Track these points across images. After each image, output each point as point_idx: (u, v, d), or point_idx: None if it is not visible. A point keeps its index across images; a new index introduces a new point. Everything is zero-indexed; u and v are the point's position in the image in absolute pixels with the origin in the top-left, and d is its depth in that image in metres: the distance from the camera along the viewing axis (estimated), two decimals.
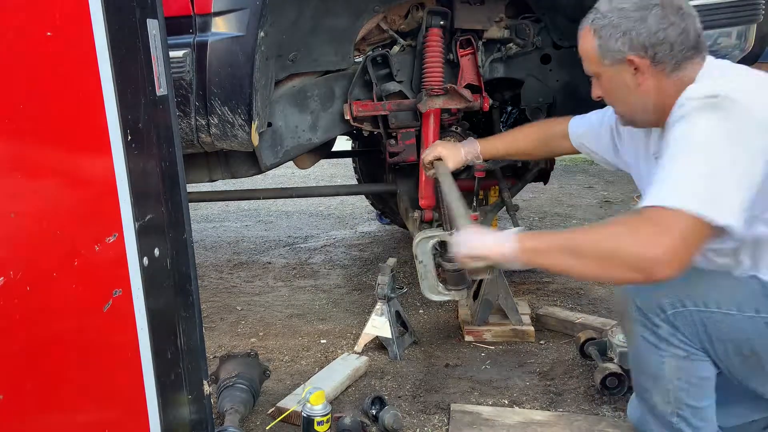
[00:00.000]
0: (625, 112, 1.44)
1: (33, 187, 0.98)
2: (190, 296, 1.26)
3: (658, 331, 1.33)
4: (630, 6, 1.32)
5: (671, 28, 1.29)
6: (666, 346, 1.33)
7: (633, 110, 1.41)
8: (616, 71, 1.36)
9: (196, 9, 1.89)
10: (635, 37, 1.31)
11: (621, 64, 1.34)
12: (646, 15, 1.30)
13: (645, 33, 1.30)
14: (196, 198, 2.72)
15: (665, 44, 1.30)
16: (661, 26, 1.29)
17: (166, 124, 1.17)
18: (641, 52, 1.31)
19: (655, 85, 1.34)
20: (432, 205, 2.50)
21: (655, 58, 1.31)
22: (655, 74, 1.33)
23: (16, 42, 0.93)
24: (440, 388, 2.06)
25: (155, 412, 1.15)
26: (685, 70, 1.32)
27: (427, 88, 2.37)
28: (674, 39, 1.30)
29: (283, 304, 2.89)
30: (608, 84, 1.40)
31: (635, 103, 1.39)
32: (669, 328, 1.32)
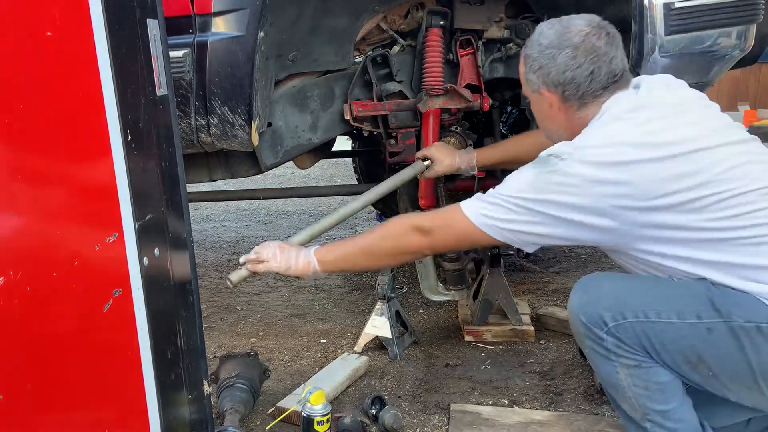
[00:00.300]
0: (547, 134, 1.57)
1: (33, 187, 0.98)
2: (190, 296, 1.26)
3: (604, 343, 1.37)
4: (547, 43, 1.42)
5: (578, 69, 1.38)
6: (615, 357, 1.37)
7: (550, 134, 1.54)
8: (536, 98, 1.49)
9: (196, 9, 1.89)
10: (546, 74, 1.42)
11: (538, 94, 1.47)
12: (557, 54, 1.39)
13: (554, 71, 1.40)
14: (196, 198, 2.72)
15: (573, 84, 1.40)
16: (569, 67, 1.39)
17: (166, 124, 1.17)
18: (552, 88, 1.43)
19: (564, 118, 1.46)
20: (432, 205, 2.49)
21: (563, 95, 1.42)
22: (564, 109, 1.44)
23: (16, 42, 0.93)
24: (440, 388, 2.06)
25: (155, 412, 1.15)
26: (590, 108, 1.42)
27: (427, 88, 2.37)
28: (581, 80, 1.39)
29: (283, 304, 2.89)
30: (533, 107, 1.54)
31: (551, 129, 1.53)
32: (613, 340, 1.35)
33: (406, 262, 1.58)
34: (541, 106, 1.49)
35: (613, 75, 1.40)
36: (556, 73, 1.40)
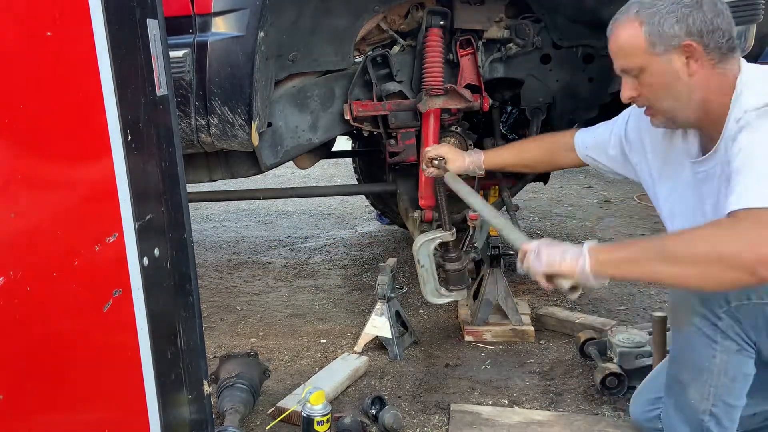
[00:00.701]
0: (669, 107, 1.38)
1: (33, 187, 0.98)
2: (190, 296, 1.25)
3: (719, 323, 1.32)
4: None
5: (722, 17, 1.30)
6: (721, 339, 1.33)
7: (677, 104, 1.36)
8: (666, 60, 1.32)
9: (196, 9, 1.89)
10: (692, 23, 1.29)
11: (674, 52, 1.31)
12: (701, 2, 1.29)
13: (701, 19, 1.28)
14: (196, 198, 2.72)
15: (719, 31, 1.29)
16: (715, 14, 1.29)
17: (166, 124, 1.17)
18: (697, 38, 1.29)
19: (704, 75, 1.32)
20: (432, 205, 2.50)
21: (708, 45, 1.30)
22: (705, 64, 1.31)
23: (16, 42, 0.93)
24: (440, 388, 2.06)
25: (155, 412, 1.15)
26: (728, 63, 1.32)
27: (427, 88, 2.37)
28: (725, 27, 1.30)
29: (283, 304, 2.89)
30: (655, 76, 1.35)
31: (682, 96, 1.35)
32: (729, 320, 1.31)
33: None
34: (673, 68, 1.32)
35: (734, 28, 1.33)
36: (703, 21, 1.28)
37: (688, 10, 1.29)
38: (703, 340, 1.35)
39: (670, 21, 1.29)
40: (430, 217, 2.49)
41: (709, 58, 1.31)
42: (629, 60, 1.37)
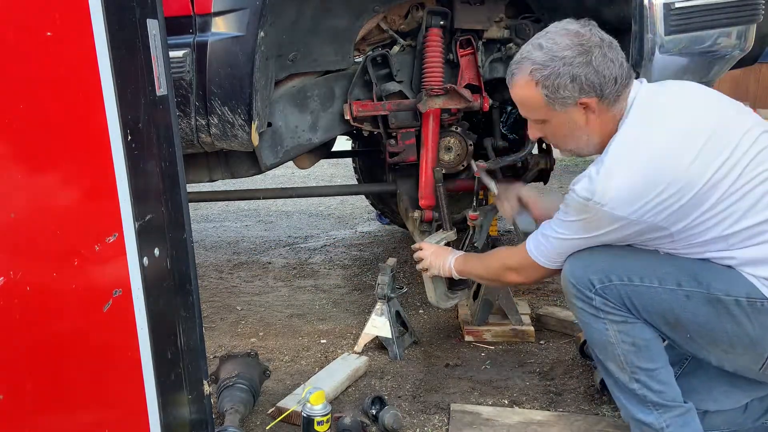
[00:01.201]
0: (572, 148, 1.55)
1: (33, 187, 0.98)
2: (190, 296, 1.26)
3: (593, 302, 1.47)
4: (570, 53, 1.39)
5: (612, 63, 1.39)
6: (604, 315, 1.46)
7: (580, 145, 1.52)
8: (566, 114, 1.45)
9: (196, 9, 1.89)
10: (585, 81, 1.39)
11: (571, 107, 1.43)
12: (590, 59, 1.38)
13: (593, 74, 1.38)
14: (196, 198, 2.72)
15: (610, 80, 1.39)
16: (605, 64, 1.39)
17: (166, 124, 1.17)
18: (591, 93, 1.40)
19: (601, 119, 1.45)
20: (432, 204, 2.50)
21: (602, 95, 1.41)
22: (601, 110, 1.43)
23: (16, 42, 0.93)
24: (440, 388, 2.06)
25: (155, 412, 1.15)
26: (619, 101, 1.43)
27: (427, 88, 2.37)
28: (616, 72, 1.40)
29: (283, 304, 2.89)
30: (556, 127, 1.49)
31: (582, 140, 1.50)
32: (600, 299, 1.46)
33: None
34: (572, 119, 1.45)
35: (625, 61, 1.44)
36: (595, 75, 1.38)
37: (579, 69, 1.38)
38: (592, 318, 1.49)
39: (564, 82, 1.39)
40: (430, 217, 2.49)
41: (605, 105, 1.42)
42: (531, 113, 1.51)
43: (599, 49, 1.39)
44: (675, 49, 2.01)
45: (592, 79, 1.38)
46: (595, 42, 1.39)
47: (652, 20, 1.97)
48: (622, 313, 1.45)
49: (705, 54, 2.04)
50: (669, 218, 1.35)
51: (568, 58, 1.38)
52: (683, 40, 2.00)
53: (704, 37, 2.01)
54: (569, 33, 1.41)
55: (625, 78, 1.41)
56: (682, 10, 1.97)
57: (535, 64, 1.41)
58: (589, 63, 1.38)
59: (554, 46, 1.40)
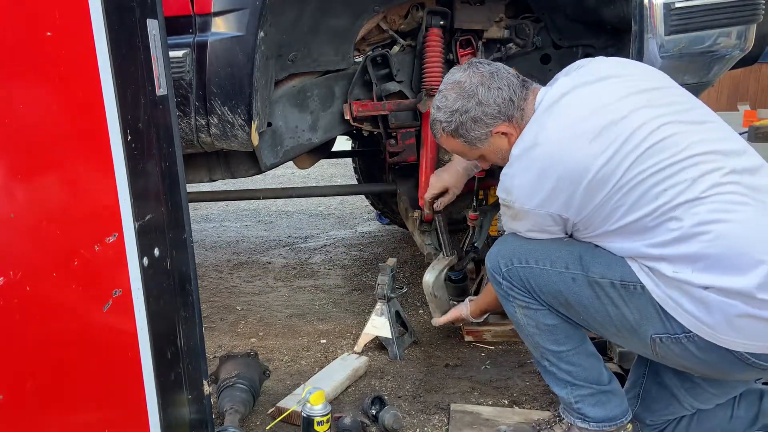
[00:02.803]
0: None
1: (33, 187, 0.98)
2: (190, 296, 1.26)
3: (502, 286, 1.59)
4: (461, 103, 1.58)
5: (499, 91, 1.55)
6: (512, 299, 1.58)
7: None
8: (491, 146, 1.62)
9: (196, 9, 1.89)
10: (486, 116, 1.56)
11: (492, 137, 1.60)
12: (478, 99, 1.56)
13: (489, 106, 1.55)
14: (196, 198, 2.72)
15: (506, 102, 1.55)
16: (493, 95, 1.55)
17: (166, 124, 1.17)
18: (497, 121, 1.57)
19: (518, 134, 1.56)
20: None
21: (508, 117, 1.56)
22: (516, 126, 1.57)
23: (16, 42, 0.93)
24: (440, 388, 2.06)
25: (155, 412, 1.15)
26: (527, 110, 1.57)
27: (427, 88, 2.37)
28: (507, 95, 1.55)
29: (283, 304, 2.89)
30: (493, 155, 1.65)
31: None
32: (506, 283, 1.58)
33: None
34: (498, 145, 1.61)
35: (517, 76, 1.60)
36: (492, 106, 1.55)
37: (474, 111, 1.57)
38: (504, 300, 1.62)
39: (470, 126, 1.58)
40: (429, 217, 2.49)
41: (516, 122, 1.57)
42: (467, 156, 1.73)
43: (481, 86, 1.56)
44: (675, 49, 2.01)
45: (490, 111, 1.56)
46: (476, 82, 1.57)
47: (652, 20, 1.97)
48: (525, 297, 1.55)
49: (705, 54, 2.04)
50: (568, 209, 1.43)
51: (462, 108, 1.58)
52: (683, 40, 2.00)
53: (704, 37, 2.01)
54: (453, 86, 1.60)
55: (519, 92, 1.56)
56: (682, 10, 1.97)
57: (442, 123, 1.63)
58: (479, 103, 1.56)
59: (447, 104, 1.60)
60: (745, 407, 1.61)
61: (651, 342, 1.41)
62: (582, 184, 1.39)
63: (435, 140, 1.74)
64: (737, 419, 1.61)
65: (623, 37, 2.33)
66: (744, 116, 5.28)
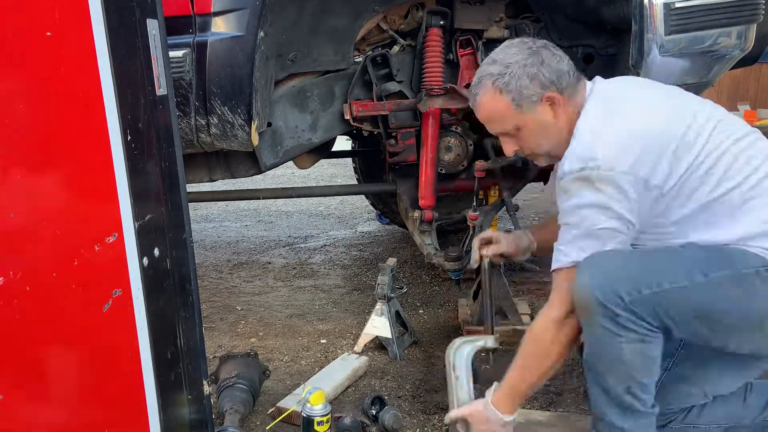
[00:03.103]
0: (548, 149, 1.60)
1: (33, 187, 0.98)
2: (190, 296, 1.26)
3: (618, 319, 1.43)
4: (522, 57, 1.51)
5: (562, 60, 1.53)
6: (624, 332, 1.44)
7: (555, 145, 1.57)
8: (535, 114, 1.53)
9: (196, 9, 1.89)
10: (543, 78, 1.49)
11: (538, 105, 1.51)
12: (541, 58, 1.50)
13: (548, 70, 1.50)
14: (196, 198, 2.72)
15: (565, 74, 1.51)
16: (556, 60, 1.51)
17: (166, 124, 1.17)
18: (551, 88, 1.50)
19: (566, 112, 1.53)
20: (432, 205, 2.49)
21: (561, 88, 1.51)
22: (565, 102, 1.52)
23: (16, 42, 0.93)
24: (440, 388, 2.06)
25: (155, 412, 1.15)
26: (577, 95, 1.53)
27: (427, 88, 2.37)
28: (567, 68, 1.52)
29: (283, 304, 2.89)
30: (530, 130, 1.55)
31: (555, 137, 1.56)
32: (628, 314, 1.42)
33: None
34: (543, 118, 1.53)
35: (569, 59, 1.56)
36: (550, 71, 1.50)
37: (535, 69, 1.50)
38: (609, 335, 1.46)
39: (524, 82, 1.49)
40: (430, 216, 2.49)
41: (566, 97, 1.52)
42: (504, 124, 1.58)
43: (546, 49, 1.52)
44: (675, 48, 2.01)
45: (548, 74, 1.49)
46: (540, 44, 1.53)
47: (652, 20, 1.97)
48: (648, 329, 1.42)
49: (705, 54, 2.04)
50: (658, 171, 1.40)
51: (521, 62, 1.50)
52: (683, 40, 2.00)
53: (704, 37, 2.01)
54: (515, 44, 1.54)
55: (575, 72, 1.53)
56: (682, 10, 1.97)
57: (494, 76, 1.52)
58: (541, 62, 1.50)
59: (506, 57, 1.52)
60: (756, 396, 1.61)
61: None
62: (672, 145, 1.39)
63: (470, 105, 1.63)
64: (749, 406, 1.61)
65: (623, 37, 2.33)
66: (744, 116, 5.28)
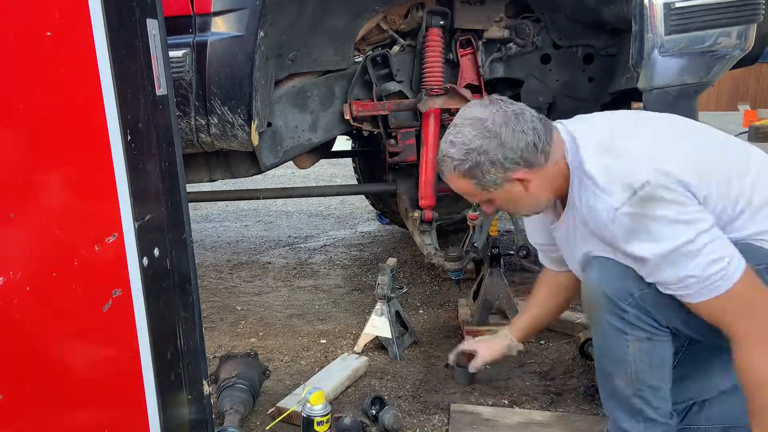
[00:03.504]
0: (528, 212, 1.58)
1: (33, 187, 0.98)
2: (190, 296, 1.25)
3: (625, 316, 1.41)
4: (480, 142, 1.40)
5: (523, 134, 1.40)
6: (631, 330, 1.42)
7: (533, 208, 1.54)
8: (504, 191, 1.47)
9: (196, 9, 1.89)
10: (505, 161, 1.41)
11: (506, 184, 1.45)
12: (500, 139, 1.39)
13: (510, 152, 1.40)
14: (196, 198, 2.72)
15: (530, 146, 1.40)
16: (516, 139, 1.39)
17: (166, 124, 1.17)
18: (517, 167, 1.42)
19: (540, 181, 1.45)
20: (432, 205, 2.50)
21: (530, 162, 1.41)
22: (537, 172, 1.43)
23: (16, 42, 0.93)
24: (440, 388, 2.06)
25: (155, 412, 1.15)
26: (554, 149, 1.43)
27: (427, 88, 2.37)
28: (532, 139, 1.40)
29: (283, 304, 2.89)
30: (504, 201, 1.51)
31: (533, 203, 1.51)
32: (636, 311, 1.40)
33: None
34: (513, 192, 1.47)
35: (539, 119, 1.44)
36: (512, 151, 1.40)
37: (494, 153, 1.40)
38: (616, 333, 1.43)
39: (486, 168, 1.41)
40: (430, 216, 2.49)
41: (538, 167, 1.42)
42: (474, 198, 1.54)
43: (506, 126, 1.40)
44: (675, 48, 2.01)
45: (511, 155, 1.40)
46: (500, 122, 1.40)
47: (652, 20, 1.97)
48: (652, 327, 1.40)
49: (705, 54, 2.04)
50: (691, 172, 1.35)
51: (480, 148, 1.40)
52: (683, 40, 2.00)
53: (704, 37, 2.01)
54: (474, 122, 1.42)
55: (543, 137, 1.42)
56: (682, 10, 1.97)
57: (455, 161, 1.44)
58: (501, 144, 1.40)
59: (464, 140, 1.42)
60: None
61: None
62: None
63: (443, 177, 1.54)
64: None
65: (623, 37, 2.33)
66: (744, 116, 5.28)
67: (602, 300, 1.42)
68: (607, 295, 1.41)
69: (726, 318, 1.31)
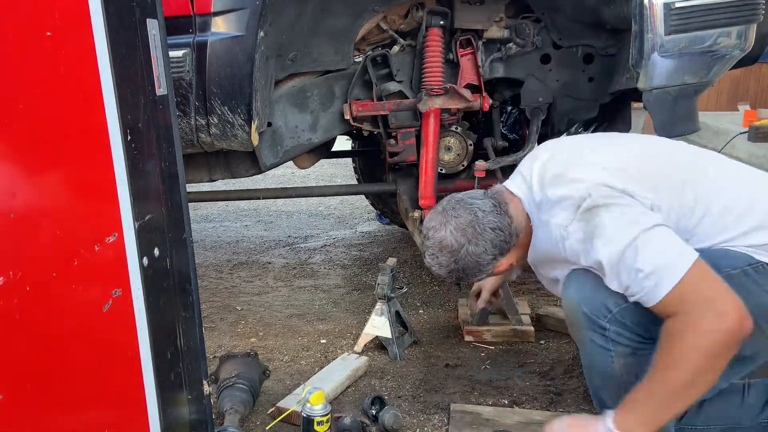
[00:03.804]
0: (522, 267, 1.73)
1: (33, 187, 0.98)
2: (190, 296, 1.26)
3: (606, 333, 1.41)
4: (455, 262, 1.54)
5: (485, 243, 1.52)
6: (614, 346, 1.41)
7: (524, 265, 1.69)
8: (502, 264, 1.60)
9: (196, 9, 1.89)
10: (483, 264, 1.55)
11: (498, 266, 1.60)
12: (470, 257, 1.53)
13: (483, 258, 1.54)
14: (196, 198, 2.72)
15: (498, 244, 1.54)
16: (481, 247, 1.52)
17: (166, 124, 1.17)
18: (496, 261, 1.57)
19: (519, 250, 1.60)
20: (432, 205, 2.49)
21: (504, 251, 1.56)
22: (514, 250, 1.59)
23: (16, 42, 0.93)
24: (440, 388, 2.06)
25: (155, 412, 1.15)
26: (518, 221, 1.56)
27: (427, 88, 2.37)
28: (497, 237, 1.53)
29: (283, 304, 2.89)
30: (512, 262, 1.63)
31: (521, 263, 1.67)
32: (616, 327, 1.39)
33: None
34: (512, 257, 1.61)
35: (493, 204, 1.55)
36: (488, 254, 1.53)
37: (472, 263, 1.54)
38: (599, 350, 1.43)
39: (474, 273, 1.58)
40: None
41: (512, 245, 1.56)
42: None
43: (468, 245, 1.53)
44: (675, 48, 2.01)
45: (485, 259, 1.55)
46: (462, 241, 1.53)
47: (652, 20, 1.98)
48: (636, 341, 1.38)
49: (705, 54, 2.04)
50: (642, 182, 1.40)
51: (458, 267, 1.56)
52: (683, 40, 2.00)
53: (704, 37, 2.01)
54: (441, 248, 1.55)
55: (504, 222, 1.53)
56: (682, 10, 1.97)
57: (444, 275, 1.60)
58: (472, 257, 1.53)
59: (442, 262, 1.57)
60: (755, 395, 1.60)
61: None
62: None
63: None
64: (747, 406, 1.60)
65: (623, 37, 2.33)
66: (744, 116, 5.27)
67: (582, 318, 1.43)
68: (586, 313, 1.41)
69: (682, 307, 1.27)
